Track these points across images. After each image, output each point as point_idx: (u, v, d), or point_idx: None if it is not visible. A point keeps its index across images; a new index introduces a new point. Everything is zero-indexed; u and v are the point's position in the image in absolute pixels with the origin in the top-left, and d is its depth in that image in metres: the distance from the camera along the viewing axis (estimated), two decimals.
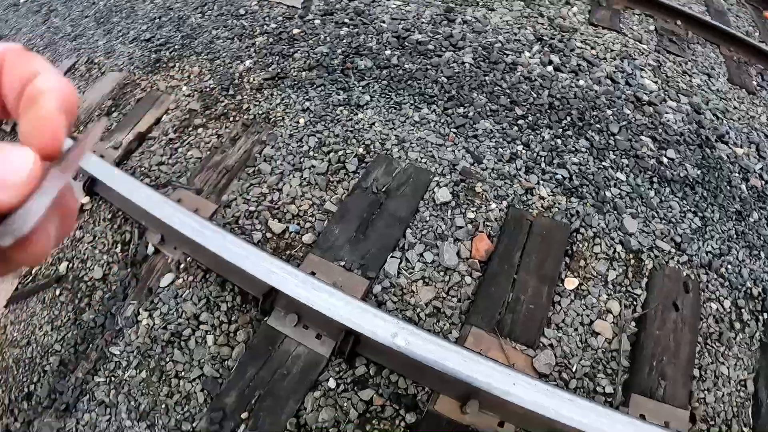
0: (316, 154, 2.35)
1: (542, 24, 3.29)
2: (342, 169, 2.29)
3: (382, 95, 2.57)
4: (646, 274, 2.44)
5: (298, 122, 2.49)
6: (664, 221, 2.62)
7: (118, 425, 2.09)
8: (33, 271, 2.70)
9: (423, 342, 1.80)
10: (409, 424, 1.87)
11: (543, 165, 2.52)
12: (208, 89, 2.78)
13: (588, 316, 2.25)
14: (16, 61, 0.35)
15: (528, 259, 2.25)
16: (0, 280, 2.75)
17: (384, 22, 2.98)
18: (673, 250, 2.53)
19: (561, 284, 2.28)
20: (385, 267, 2.07)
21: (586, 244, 2.42)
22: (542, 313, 2.15)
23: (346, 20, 3.01)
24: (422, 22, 2.98)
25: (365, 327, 1.81)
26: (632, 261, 2.46)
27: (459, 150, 2.40)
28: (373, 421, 1.89)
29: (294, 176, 2.29)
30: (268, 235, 2.17)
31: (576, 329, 2.21)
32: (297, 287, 1.87)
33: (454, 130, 2.46)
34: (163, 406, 2.05)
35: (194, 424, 1.96)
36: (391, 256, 2.09)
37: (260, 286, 2.01)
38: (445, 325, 2.03)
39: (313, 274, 2.01)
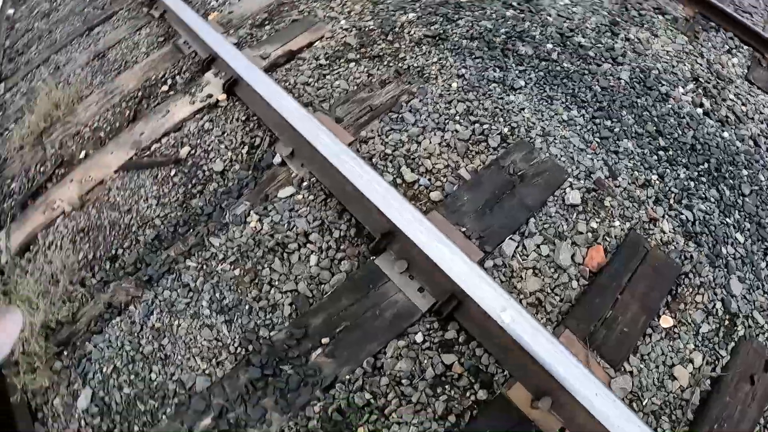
0: (461, 120, 2.37)
1: (700, 65, 3.21)
2: (484, 142, 2.32)
3: (536, 85, 2.57)
4: (735, 339, 2.38)
5: (450, 85, 2.52)
6: (767, 295, 2.55)
7: (195, 311, 2.17)
8: (152, 147, 2.81)
9: (527, 325, 1.82)
10: (478, 400, 1.89)
11: (671, 201, 2.48)
12: (366, 29, 2.84)
13: (671, 358, 2.22)
14: None
15: (634, 285, 2.23)
16: (117, 147, 2.89)
17: (550, 15, 2.97)
18: (767, 326, 2.47)
19: (656, 319, 2.26)
20: (502, 246, 2.09)
21: (691, 290, 2.38)
22: (633, 340, 2.14)
23: (514, 3, 3.01)
24: (587, 27, 2.95)
25: (477, 293, 1.83)
26: (726, 322, 2.41)
27: (598, 160, 2.39)
28: (446, 386, 1.91)
29: (435, 134, 2.32)
30: (398, 181, 2.21)
31: (658, 367, 2.19)
32: (421, 234, 1.91)
33: (598, 140, 2.45)
34: (248, 307, 2.11)
35: (272, 333, 2.02)
36: (510, 238, 2.11)
37: (380, 225, 2.06)
38: (542, 318, 2.05)
39: None
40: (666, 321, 2.28)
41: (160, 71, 3.15)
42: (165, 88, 3.04)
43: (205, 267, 2.25)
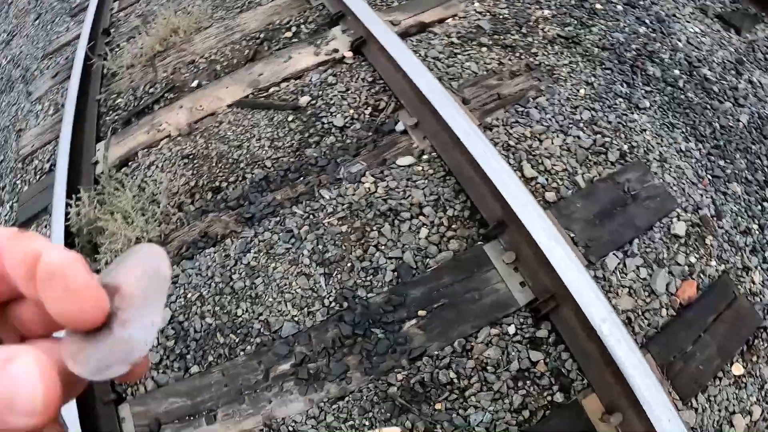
0: (584, 128, 2.39)
1: None
2: (603, 153, 2.34)
3: (660, 109, 2.57)
4: None
5: (578, 90, 2.53)
6: None
7: (294, 257, 2.21)
8: (270, 90, 2.85)
9: (622, 340, 1.87)
10: (553, 402, 1.95)
11: (767, 254, 2.48)
12: (501, 17, 2.84)
13: (734, 405, 2.25)
14: (13, 244, 0.31)
15: (717, 327, 2.26)
16: (233, 83, 2.94)
17: (680, 41, 2.94)
18: None
19: (729, 365, 2.29)
20: (605, 259, 2.13)
21: (765, 344, 2.40)
22: (705, 380, 2.18)
23: (647, 21, 2.98)
24: (713, 61, 2.92)
25: (583, 300, 1.87)
26: None
27: (707, 197, 2.40)
28: (527, 382, 1.97)
29: (558, 136, 2.35)
30: (518, 174, 2.25)
31: (720, 411, 2.23)
32: (543, 230, 1.94)
33: (710, 177, 2.46)
34: (349, 264, 2.16)
35: (369, 295, 2.07)
36: (613, 254, 2.15)
37: (496, 212, 2.11)
38: None
39: None
40: (737, 369, 2.31)
41: (285, 17, 3.19)
42: (288, 34, 3.08)
43: (311, 217, 2.30)
